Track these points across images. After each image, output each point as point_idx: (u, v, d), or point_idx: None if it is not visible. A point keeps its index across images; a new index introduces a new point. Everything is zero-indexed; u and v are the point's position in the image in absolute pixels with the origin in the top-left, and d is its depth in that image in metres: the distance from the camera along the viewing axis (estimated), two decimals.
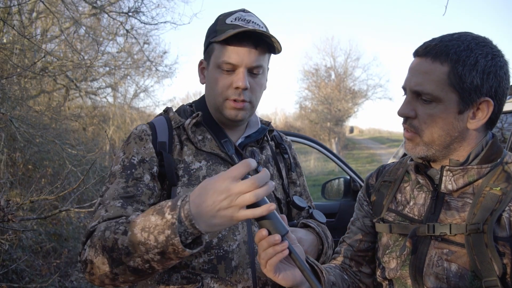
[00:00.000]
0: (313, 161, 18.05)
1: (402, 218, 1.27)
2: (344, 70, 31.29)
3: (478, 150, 1.18)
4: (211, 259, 1.32)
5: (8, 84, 5.54)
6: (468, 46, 1.12)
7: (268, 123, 1.63)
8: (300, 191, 1.65)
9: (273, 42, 1.38)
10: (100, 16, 9.28)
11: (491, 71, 1.11)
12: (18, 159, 5.40)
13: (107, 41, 10.94)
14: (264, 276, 1.36)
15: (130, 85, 13.85)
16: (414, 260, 1.19)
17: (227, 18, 1.40)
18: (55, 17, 6.14)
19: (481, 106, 1.14)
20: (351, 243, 1.41)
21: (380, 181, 1.39)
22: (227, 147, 1.43)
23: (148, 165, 1.35)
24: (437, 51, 1.13)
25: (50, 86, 9.44)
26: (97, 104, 12.16)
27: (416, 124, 1.18)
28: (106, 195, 1.30)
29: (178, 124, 1.44)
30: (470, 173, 1.16)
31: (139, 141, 1.39)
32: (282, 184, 1.56)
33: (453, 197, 1.18)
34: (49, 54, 8.07)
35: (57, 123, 7.37)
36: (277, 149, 1.63)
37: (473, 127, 1.15)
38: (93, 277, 1.16)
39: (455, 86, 1.11)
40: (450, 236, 1.14)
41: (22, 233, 4.30)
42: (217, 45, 1.38)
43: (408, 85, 1.19)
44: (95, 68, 10.62)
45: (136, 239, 1.05)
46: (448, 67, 1.11)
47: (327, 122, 28.47)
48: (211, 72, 1.42)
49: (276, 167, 1.57)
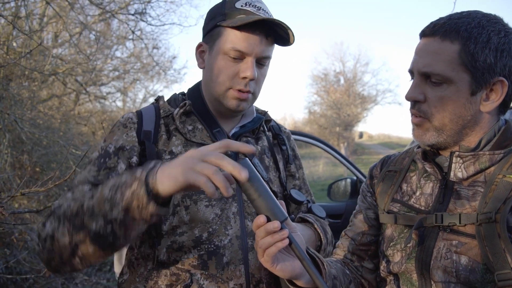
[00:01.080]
0: (321, 166, 17.97)
1: (408, 208, 1.19)
2: (353, 75, 31.19)
3: (491, 135, 1.11)
4: (201, 254, 1.26)
5: (17, 88, 5.58)
6: (479, 23, 1.05)
7: (265, 113, 1.55)
8: (299, 184, 1.57)
9: (288, 34, 1.30)
10: (110, 20, 9.36)
11: (504, 48, 1.04)
12: (25, 161, 5.42)
13: (116, 46, 11.05)
14: (258, 273, 1.30)
15: (139, 90, 13.96)
16: (420, 253, 1.11)
17: (236, 1, 1.32)
18: (63, 21, 6.15)
19: (495, 87, 1.07)
20: (353, 237, 1.33)
21: (384, 171, 1.32)
22: (219, 137, 1.35)
23: (127, 154, 1.28)
24: (446, 29, 1.06)
25: (60, 91, 9.52)
26: (106, 108, 12.25)
27: (425, 109, 1.10)
28: (76, 181, 1.24)
29: (167, 113, 1.38)
30: (481, 160, 1.09)
31: (122, 128, 1.33)
32: (279, 176, 1.47)
33: (463, 185, 1.11)
34: (58, 58, 8.14)
35: (67, 126, 7.42)
36: (274, 140, 1.55)
37: (486, 109, 1.08)
38: (51, 256, 1.09)
39: (467, 65, 1.04)
40: (459, 226, 1.07)
41: (27, 235, 4.30)
42: (226, 29, 1.30)
43: (415, 67, 1.11)
44: (104, 72, 10.73)
45: (103, 196, 1.01)
46: (459, 45, 1.05)
47: (336, 127, 28.35)
48: (215, 58, 1.33)
49: (273, 158, 1.48)
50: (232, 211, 1.31)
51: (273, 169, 1.47)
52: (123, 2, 7.52)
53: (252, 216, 1.33)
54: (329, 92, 30.23)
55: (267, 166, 1.45)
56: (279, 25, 1.28)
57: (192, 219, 1.27)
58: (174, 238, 1.27)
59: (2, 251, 4.03)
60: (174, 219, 1.28)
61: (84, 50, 8.93)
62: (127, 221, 0.99)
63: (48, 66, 7.03)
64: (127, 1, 8.20)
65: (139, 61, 12.03)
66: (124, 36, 10.09)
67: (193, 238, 1.27)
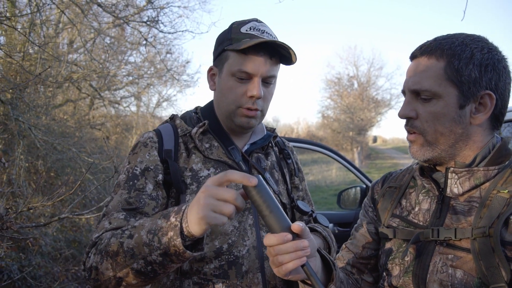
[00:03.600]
0: (334, 171, 17.89)
1: (407, 223, 1.23)
2: (367, 79, 31.03)
3: (485, 152, 1.15)
4: (222, 264, 1.35)
5: (33, 94, 5.68)
6: (462, 42, 1.12)
7: (273, 130, 1.64)
8: (302, 195, 1.67)
9: (290, 54, 1.39)
10: (123, 26, 9.46)
11: (488, 63, 1.09)
12: (40, 166, 5.50)
13: (130, 51, 11.16)
14: (273, 279, 1.39)
15: (153, 95, 14.06)
16: (417, 267, 1.15)
17: (241, 26, 1.41)
18: (76, 28, 6.25)
19: (483, 101, 1.11)
20: (353, 250, 1.38)
21: (385, 187, 1.36)
22: (234, 154, 1.46)
23: (153, 173, 1.36)
24: (432, 48, 1.13)
25: (75, 95, 9.65)
26: (120, 113, 12.36)
27: (418, 124, 1.16)
28: (110, 206, 1.31)
29: (184, 132, 1.46)
30: (476, 176, 1.12)
31: (143, 148, 1.41)
32: (287, 189, 1.57)
33: (459, 201, 1.14)
34: (73, 64, 8.26)
35: (82, 132, 7.52)
36: (280, 155, 1.65)
37: (476, 122, 1.12)
38: (98, 284, 1.18)
39: (453, 80, 1.10)
40: (455, 241, 1.10)
41: (41, 240, 4.36)
42: (233, 53, 1.40)
43: (406, 86, 1.18)
44: (118, 77, 10.84)
45: (141, 240, 1.08)
46: (444, 62, 1.11)
47: (349, 132, 28.22)
48: (224, 80, 1.43)
49: (281, 172, 1.58)
50: (248, 223, 1.41)
51: (281, 182, 1.57)
52: (136, 8, 7.60)
53: (266, 227, 1.38)
54: (343, 96, 30.12)
55: (277, 180, 1.55)
56: (282, 46, 1.37)
57: (212, 231, 1.36)
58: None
59: (17, 255, 4.09)
60: None
61: (98, 55, 9.06)
62: (166, 263, 1.09)
63: (63, 71, 7.15)
64: (140, 7, 8.30)
65: (153, 66, 12.14)
66: (138, 42, 10.19)
67: (214, 249, 1.35)
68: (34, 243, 4.41)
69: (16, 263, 3.79)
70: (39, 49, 6.02)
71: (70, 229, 5.53)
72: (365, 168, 21.88)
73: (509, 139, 2.44)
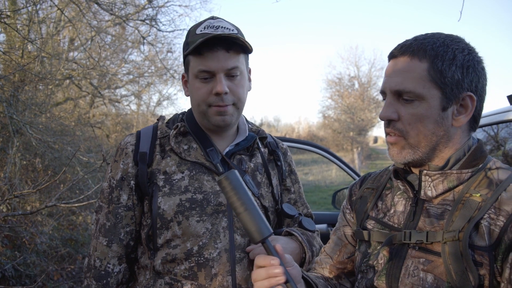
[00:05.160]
0: (334, 171, 17.86)
1: (382, 226, 1.22)
2: (368, 79, 31.01)
3: (459, 154, 1.13)
4: (192, 266, 1.37)
5: (32, 91, 5.67)
6: (443, 43, 1.10)
7: (258, 130, 1.62)
8: (295, 198, 1.66)
9: (243, 42, 1.39)
10: (123, 25, 9.44)
11: (469, 65, 1.08)
12: (38, 164, 5.50)
13: (131, 50, 11.15)
14: (245, 283, 1.39)
15: (153, 93, 14.07)
16: (390, 270, 1.14)
17: (196, 28, 1.43)
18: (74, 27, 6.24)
19: (464, 102, 1.10)
20: (330, 254, 1.37)
21: (363, 188, 1.35)
22: (212, 156, 1.45)
23: (126, 182, 1.44)
24: (414, 48, 1.10)
25: (75, 93, 9.65)
26: (120, 111, 12.36)
27: (400, 127, 1.12)
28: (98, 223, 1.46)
29: (164, 134, 1.49)
30: (450, 178, 1.10)
31: (120, 154, 1.48)
32: (272, 192, 1.55)
33: (433, 204, 1.13)
34: (73, 61, 8.25)
35: (82, 130, 7.51)
36: (270, 156, 1.63)
37: (458, 124, 1.11)
38: None
39: (437, 82, 1.08)
40: (427, 244, 1.09)
41: (38, 238, 4.35)
42: (191, 56, 1.41)
43: (387, 87, 1.14)
44: (118, 76, 10.83)
45: None
46: (427, 63, 1.08)
47: (350, 132, 28.19)
48: (191, 83, 1.45)
49: (266, 174, 1.56)
50: (222, 226, 1.40)
51: (265, 185, 1.54)
52: (135, 7, 7.59)
53: (240, 230, 1.42)
54: (344, 96, 30.10)
55: (259, 182, 1.53)
56: (232, 37, 1.36)
57: (184, 233, 1.38)
58: (168, 250, 1.39)
59: (12, 253, 4.08)
60: (168, 233, 1.39)
61: (98, 54, 9.03)
62: None
63: (62, 69, 7.14)
64: (141, 6, 8.29)
65: (154, 64, 12.13)
66: (139, 41, 10.18)
67: (185, 251, 1.37)
68: (30, 241, 4.40)
69: (11, 261, 3.78)
70: (38, 46, 6.01)
71: (66, 228, 5.53)
72: (365, 168, 21.84)
73: (506, 140, 2.43)
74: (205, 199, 1.39)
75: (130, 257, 1.47)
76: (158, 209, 1.38)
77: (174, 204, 1.38)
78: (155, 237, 1.40)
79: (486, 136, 2.71)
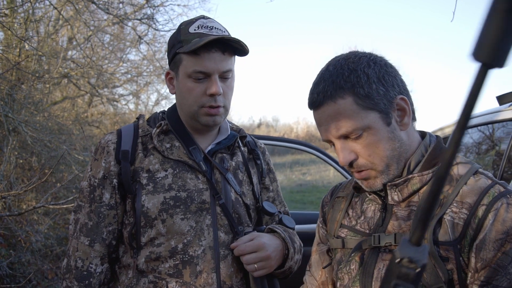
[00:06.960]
0: (332, 171, 17.88)
1: (354, 233, 1.23)
2: None
3: (418, 157, 1.14)
4: (177, 264, 1.38)
5: (29, 90, 5.67)
6: (349, 69, 1.09)
7: (239, 129, 1.64)
8: (273, 196, 1.69)
9: (242, 46, 1.40)
10: (122, 24, 9.43)
11: (382, 74, 1.10)
12: (34, 163, 5.50)
13: (129, 49, 11.13)
14: (229, 280, 1.41)
15: (152, 93, 14.06)
16: (363, 275, 1.15)
17: (189, 26, 1.42)
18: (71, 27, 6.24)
19: (400, 106, 1.12)
20: (313, 273, 1.37)
21: (334, 198, 1.36)
22: (195, 154, 1.46)
23: (109, 180, 1.43)
24: (331, 91, 1.09)
25: (74, 92, 9.64)
26: (118, 111, 12.35)
27: (362, 162, 1.12)
28: (79, 223, 1.44)
29: (145, 133, 1.48)
30: (412, 182, 1.11)
31: (101, 153, 1.46)
32: (252, 190, 1.57)
33: (400, 207, 1.14)
34: (71, 60, 8.25)
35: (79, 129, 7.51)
36: (250, 155, 1.65)
37: (406, 127, 1.13)
38: None
39: (369, 106, 1.08)
40: (395, 246, 1.09)
41: (33, 236, 4.36)
42: (185, 55, 1.40)
43: (331, 136, 1.13)
44: (117, 75, 10.82)
45: None
46: (351, 96, 1.08)
47: None
48: (182, 82, 1.44)
49: (247, 173, 1.58)
50: (206, 223, 1.42)
51: (246, 183, 1.57)
52: (132, 6, 7.59)
53: (224, 227, 1.44)
54: None
55: (241, 181, 1.55)
56: (232, 40, 1.38)
57: (168, 231, 1.39)
58: (152, 248, 1.40)
59: (7, 252, 4.09)
60: (152, 231, 1.40)
61: (96, 53, 9.03)
62: None
63: (60, 68, 7.14)
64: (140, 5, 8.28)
65: (152, 64, 12.13)
66: (137, 40, 10.18)
67: (170, 248, 1.38)
68: (26, 240, 4.41)
69: (6, 260, 3.78)
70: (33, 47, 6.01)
71: (62, 227, 5.53)
72: None
73: (502, 140, 2.43)
74: (189, 197, 1.40)
75: (112, 257, 1.47)
76: (142, 207, 1.38)
77: (158, 202, 1.38)
78: (138, 235, 1.40)
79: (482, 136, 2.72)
